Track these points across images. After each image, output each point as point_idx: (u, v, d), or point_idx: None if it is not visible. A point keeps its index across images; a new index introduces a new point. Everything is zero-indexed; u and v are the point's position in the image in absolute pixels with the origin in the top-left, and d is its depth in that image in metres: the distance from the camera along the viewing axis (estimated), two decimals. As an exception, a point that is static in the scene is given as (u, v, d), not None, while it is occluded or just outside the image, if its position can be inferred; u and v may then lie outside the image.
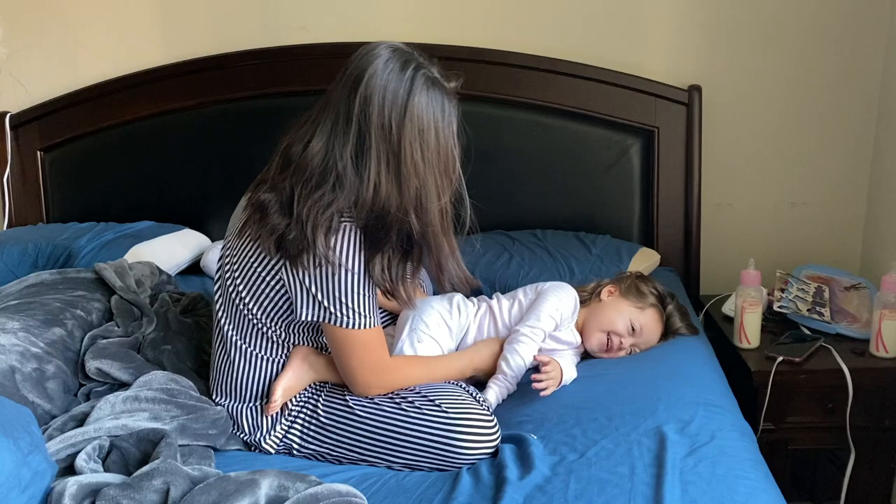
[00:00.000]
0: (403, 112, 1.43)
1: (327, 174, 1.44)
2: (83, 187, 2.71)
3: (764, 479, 1.40)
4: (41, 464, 1.27)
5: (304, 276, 1.46)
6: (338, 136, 1.45)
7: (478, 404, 1.57)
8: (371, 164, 1.43)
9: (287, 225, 1.45)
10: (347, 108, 1.45)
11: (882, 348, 2.00)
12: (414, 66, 1.46)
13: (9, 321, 1.67)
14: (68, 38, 2.66)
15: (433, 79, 1.48)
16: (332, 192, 1.43)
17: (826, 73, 2.45)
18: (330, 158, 1.45)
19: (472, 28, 2.50)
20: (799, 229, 2.56)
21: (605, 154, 2.47)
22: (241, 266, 1.55)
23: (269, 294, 1.53)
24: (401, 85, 1.44)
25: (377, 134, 1.43)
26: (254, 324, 1.57)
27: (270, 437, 1.59)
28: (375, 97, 1.43)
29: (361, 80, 1.44)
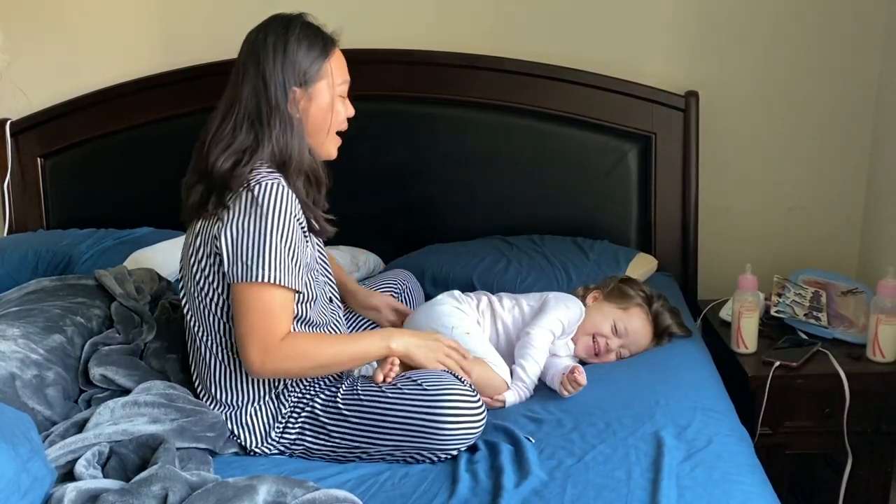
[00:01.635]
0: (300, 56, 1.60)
1: (230, 124, 1.58)
2: (83, 194, 2.72)
3: (760, 484, 1.40)
4: (40, 470, 1.27)
5: (230, 228, 1.50)
6: (238, 93, 1.60)
7: (460, 383, 1.57)
8: (281, 109, 1.57)
9: (196, 181, 1.59)
10: (241, 72, 1.62)
11: (879, 353, 2.01)
12: (289, 22, 1.62)
13: (9, 328, 1.67)
14: (68, 46, 2.67)
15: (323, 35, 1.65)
16: (234, 139, 1.56)
17: (823, 78, 2.46)
18: (231, 112, 1.59)
19: (470, 35, 2.51)
20: (796, 234, 2.57)
21: (602, 160, 2.48)
22: (195, 263, 1.59)
23: (217, 275, 1.56)
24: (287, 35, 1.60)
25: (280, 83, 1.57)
26: (223, 324, 1.58)
27: (266, 442, 1.59)
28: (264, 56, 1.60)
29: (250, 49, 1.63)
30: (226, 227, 1.51)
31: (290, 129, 1.58)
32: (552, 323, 1.83)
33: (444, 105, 2.51)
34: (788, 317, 2.17)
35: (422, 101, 2.52)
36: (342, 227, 2.49)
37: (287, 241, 1.51)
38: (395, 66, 2.51)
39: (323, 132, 1.66)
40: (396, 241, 2.50)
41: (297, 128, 1.59)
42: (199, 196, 1.58)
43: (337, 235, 2.38)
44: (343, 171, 2.61)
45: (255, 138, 1.56)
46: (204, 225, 1.57)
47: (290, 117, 1.58)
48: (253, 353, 1.50)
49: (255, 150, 1.55)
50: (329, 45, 1.65)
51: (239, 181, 1.52)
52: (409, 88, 2.52)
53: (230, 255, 1.51)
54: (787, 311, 2.17)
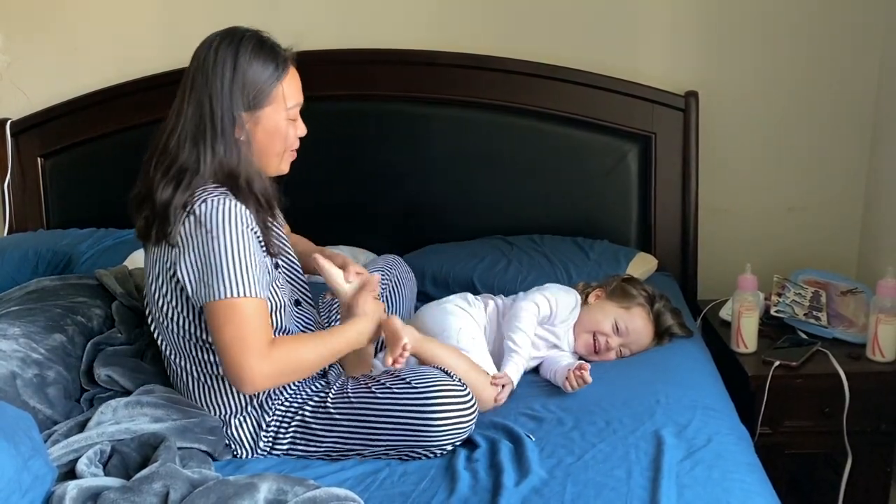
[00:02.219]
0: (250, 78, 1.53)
1: (174, 148, 1.51)
2: (83, 194, 2.72)
3: (759, 483, 1.40)
4: (42, 468, 1.28)
5: (185, 258, 1.46)
6: (182, 119, 1.52)
7: (451, 379, 1.57)
8: (226, 131, 1.50)
9: (142, 207, 1.52)
10: (187, 91, 1.54)
11: (878, 352, 2.01)
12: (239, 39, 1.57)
13: (10, 327, 1.67)
14: (69, 46, 2.67)
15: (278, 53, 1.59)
16: (178, 164, 1.49)
17: (823, 78, 2.47)
18: (174, 135, 1.52)
19: (469, 35, 2.51)
20: (796, 234, 2.57)
21: (602, 160, 2.48)
22: (157, 290, 1.56)
23: (180, 300, 1.53)
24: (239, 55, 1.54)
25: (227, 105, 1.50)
26: (192, 345, 1.56)
27: (257, 451, 1.59)
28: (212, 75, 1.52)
29: (197, 66, 1.55)
30: (180, 256, 1.47)
31: (235, 153, 1.51)
32: (538, 297, 1.86)
33: (444, 105, 2.51)
34: (788, 316, 2.17)
35: (422, 102, 2.52)
36: (342, 227, 2.52)
37: (243, 253, 1.45)
38: (395, 66, 2.51)
39: (271, 155, 1.59)
40: (396, 241, 2.50)
41: (242, 151, 1.52)
42: (144, 222, 1.53)
43: (336, 235, 2.41)
44: (342, 171, 2.63)
45: (196, 159, 1.50)
46: (157, 252, 1.53)
47: (236, 140, 1.51)
48: (244, 369, 1.43)
49: (196, 172, 1.49)
50: (282, 65, 1.56)
51: (178, 211, 1.46)
52: (409, 89, 2.52)
53: (192, 281, 1.46)
54: (787, 310, 2.17)
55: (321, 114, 2.53)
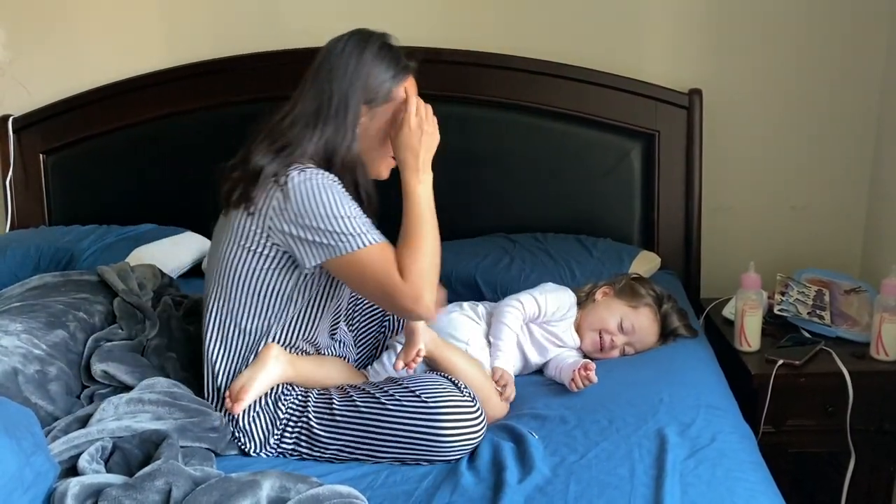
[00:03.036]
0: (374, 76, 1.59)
1: (288, 126, 1.56)
2: (85, 190, 2.72)
3: (764, 482, 1.40)
4: (44, 464, 1.27)
5: (286, 224, 1.49)
6: (302, 101, 1.58)
7: (460, 393, 1.56)
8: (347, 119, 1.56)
9: (240, 176, 1.54)
10: (310, 81, 1.59)
11: (882, 352, 2.00)
12: (374, 40, 1.61)
13: (11, 323, 1.67)
14: (71, 42, 2.67)
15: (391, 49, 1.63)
16: (287, 139, 1.54)
17: (826, 76, 2.46)
18: (290, 115, 1.57)
19: (473, 32, 2.51)
20: (799, 233, 2.57)
21: (605, 157, 2.48)
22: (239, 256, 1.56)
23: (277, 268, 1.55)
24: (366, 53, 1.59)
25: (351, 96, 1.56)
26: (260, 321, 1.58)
27: (267, 447, 1.58)
28: (342, 67, 1.58)
29: (327, 57, 1.60)
30: (277, 221, 1.50)
31: (343, 136, 1.56)
32: (523, 296, 1.86)
33: (447, 103, 2.49)
34: (792, 315, 2.16)
35: (425, 99, 2.50)
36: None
37: (349, 205, 1.50)
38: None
39: (377, 154, 1.64)
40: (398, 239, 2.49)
41: (350, 137, 1.57)
42: (231, 185, 1.57)
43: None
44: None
45: (302, 137, 1.55)
46: (239, 219, 1.55)
47: (346, 127, 1.56)
48: (407, 302, 1.50)
49: (298, 147, 1.54)
50: (402, 71, 1.62)
51: (268, 179, 1.51)
52: (412, 86, 2.52)
53: (301, 243, 1.50)
54: (791, 309, 2.17)
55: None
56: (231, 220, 1.57)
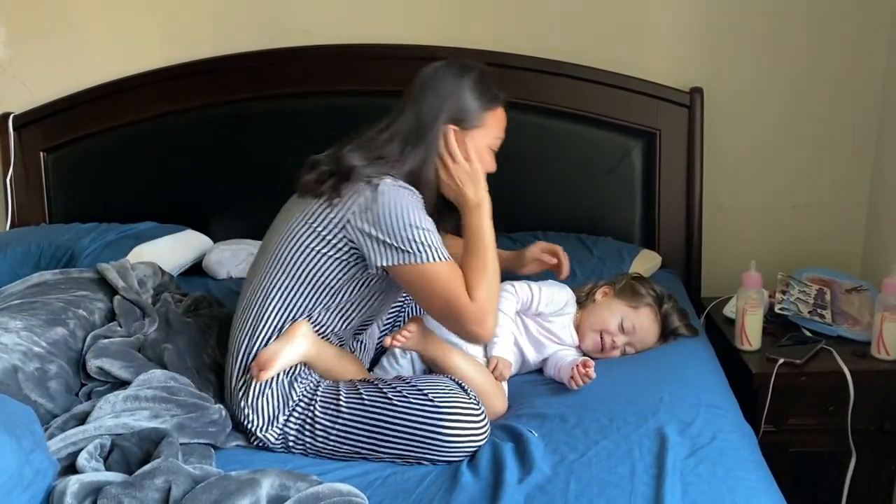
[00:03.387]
0: (467, 102, 1.65)
1: (383, 139, 1.63)
2: (86, 188, 2.72)
3: (765, 481, 1.40)
4: (43, 462, 1.27)
5: (366, 224, 1.54)
6: (398, 117, 1.66)
7: (467, 396, 1.57)
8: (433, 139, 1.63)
9: (328, 170, 1.61)
10: (410, 100, 1.67)
11: (883, 350, 2.00)
12: (470, 69, 1.68)
13: (11, 321, 1.67)
14: (72, 40, 2.67)
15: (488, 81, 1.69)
16: (382, 150, 1.61)
17: (828, 75, 2.46)
18: (387, 130, 1.65)
19: (473, 31, 2.50)
20: (800, 232, 2.56)
21: (606, 156, 2.47)
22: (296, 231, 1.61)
23: (328, 250, 1.58)
24: (463, 80, 1.66)
25: (439, 117, 1.63)
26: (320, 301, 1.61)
27: (273, 427, 1.58)
28: (436, 90, 1.65)
29: (424, 80, 1.68)
30: (358, 220, 1.55)
31: (433, 157, 1.63)
32: (518, 283, 1.87)
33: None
34: (793, 314, 2.16)
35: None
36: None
37: (426, 222, 1.56)
38: (399, 62, 2.50)
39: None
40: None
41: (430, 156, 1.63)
42: (316, 176, 1.62)
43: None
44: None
45: (399, 153, 1.62)
46: (325, 208, 1.59)
47: (437, 148, 1.63)
48: (468, 324, 1.56)
49: (395, 163, 1.61)
50: (495, 100, 1.69)
51: (360, 180, 1.56)
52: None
53: (374, 244, 1.55)
54: (792, 308, 2.16)
55: (325, 109, 2.55)
56: (307, 204, 1.62)
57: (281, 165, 2.58)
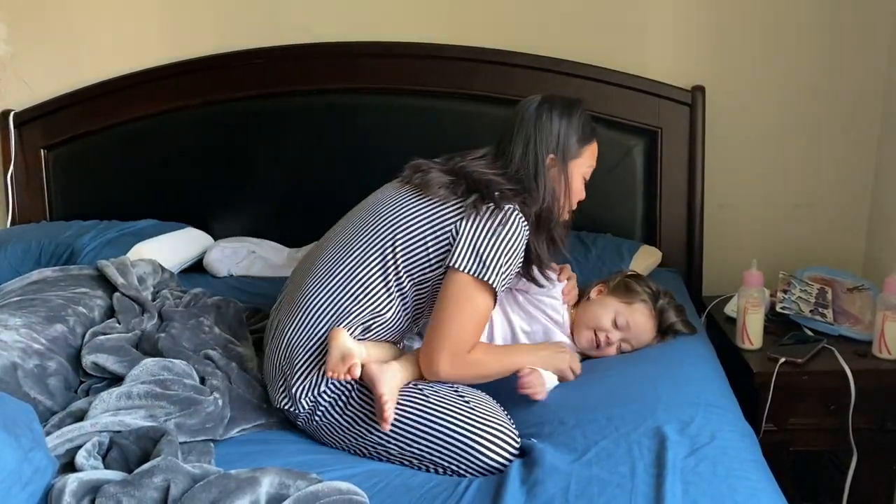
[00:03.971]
0: (566, 135, 1.73)
1: (497, 165, 1.71)
2: (86, 185, 2.72)
3: (765, 480, 1.39)
4: (42, 460, 1.27)
5: (475, 226, 1.60)
6: (508, 145, 1.73)
7: (505, 416, 1.58)
8: (540, 167, 1.69)
9: (455, 179, 1.67)
10: (516, 131, 1.73)
11: (885, 350, 2.00)
12: (571, 104, 1.77)
13: (11, 318, 1.67)
14: (72, 37, 2.67)
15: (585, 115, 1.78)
16: (501, 176, 1.67)
17: (830, 74, 2.45)
18: (499, 156, 1.73)
19: (474, 28, 2.50)
20: (802, 231, 2.56)
21: (608, 154, 2.44)
22: (407, 221, 1.65)
23: (428, 244, 1.62)
24: (572, 125, 1.74)
25: (543, 149, 1.70)
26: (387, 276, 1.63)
27: (310, 393, 1.58)
28: (541, 122, 1.72)
29: (528, 112, 1.75)
30: (466, 222, 1.60)
31: (549, 194, 1.69)
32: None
33: (449, 99, 2.50)
34: (794, 313, 2.16)
35: (427, 95, 2.51)
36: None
37: (514, 259, 1.62)
38: (401, 59, 2.51)
39: (561, 204, 1.74)
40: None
41: (551, 195, 1.70)
42: (440, 177, 1.68)
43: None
44: (348, 164, 2.62)
45: (521, 188, 1.67)
46: (439, 204, 1.64)
47: (548, 180, 1.70)
48: (443, 357, 1.58)
49: (527, 191, 1.67)
50: (593, 134, 1.78)
51: (488, 194, 1.62)
52: (414, 82, 2.51)
53: (463, 246, 1.59)
54: (793, 307, 2.16)
55: (326, 106, 2.55)
56: (418, 195, 1.67)
57: (282, 163, 2.59)
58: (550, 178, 1.70)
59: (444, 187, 1.66)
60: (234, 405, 1.61)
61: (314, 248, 1.80)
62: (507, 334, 1.88)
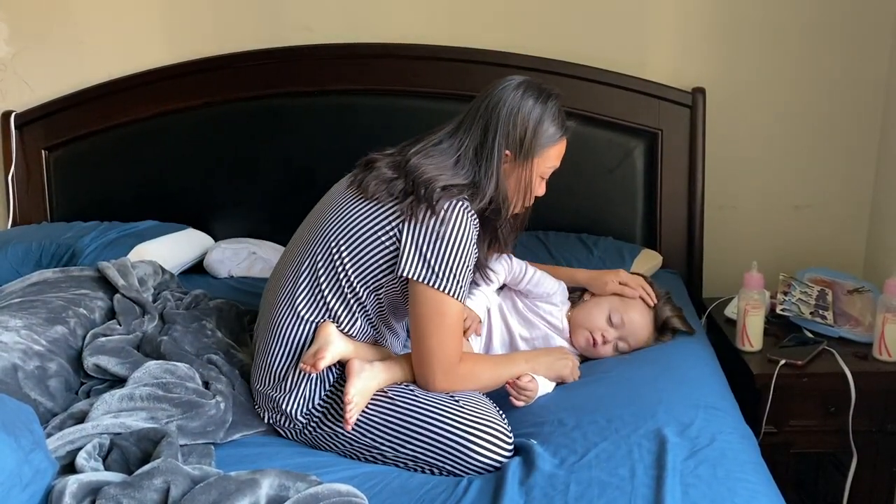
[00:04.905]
0: (533, 131, 1.63)
1: (449, 154, 1.62)
2: (87, 186, 2.72)
3: (765, 482, 1.39)
4: (42, 462, 1.27)
5: (419, 230, 1.54)
6: (466, 132, 1.64)
7: (498, 415, 1.57)
8: (493, 162, 1.61)
9: (395, 178, 1.59)
10: (479, 115, 1.64)
11: (885, 352, 2.00)
12: (546, 95, 1.66)
13: (11, 319, 1.67)
14: (73, 38, 2.67)
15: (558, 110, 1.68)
16: (450, 169, 1.60)
17: (830, 75, 2.45)
18: (454, 144, 1.63)
19: (475, 29, 2.50)
20: (802, 232, 2.56)
21: (608, 156, 2.47)
22: (348, 227, 1.60)
23: (374, 251, 1.57)
24: (535, 107, 1.63)
25: (502, 140, 1.61)
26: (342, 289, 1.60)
27: (305, 408, 1.59)
28: (507, 110, 1.62)
29: (497, 94, 1.64)
30: (408, 227, 1.55)
31: (502, 192, 1.63)
32: (516, 259, 1.90)
33: (451, 100, 2.49)
34: (794, 315, 2.16)
35: (429, 96, 2.51)
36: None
37: (468, 258, 1.56)
38: (402, 60, 2.51)
39: (510, 202, 1.68)
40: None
41: (502, 190, 1.63)
42: (389, 186, 1.60)
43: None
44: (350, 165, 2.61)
45: (471, 182, 1.61)
46: (379, 207, 1.59)
47: (500, 178, 1.62)
48: (435, 375, 1.57)
49: (475, 187, 1.60)
50: (563, 133, 1.69)
51: (429, 196, 1.55)
52: (416, 83, 2.51)
53: (411, 254, 1.54)
54: (793, 309, 2.16)
55: (327, 107, 2.55)
56: (359, 197, 1.62)
57: (283, 164, 2.59)
58: (503, 176, 1.63)
59: (383, 188, 1.59)
60: (237, 411, 1.62)
61: (279, 262, 1.76)
62: (507, 342, 1.88)
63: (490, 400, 1.62)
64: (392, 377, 1.60)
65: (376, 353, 1.65)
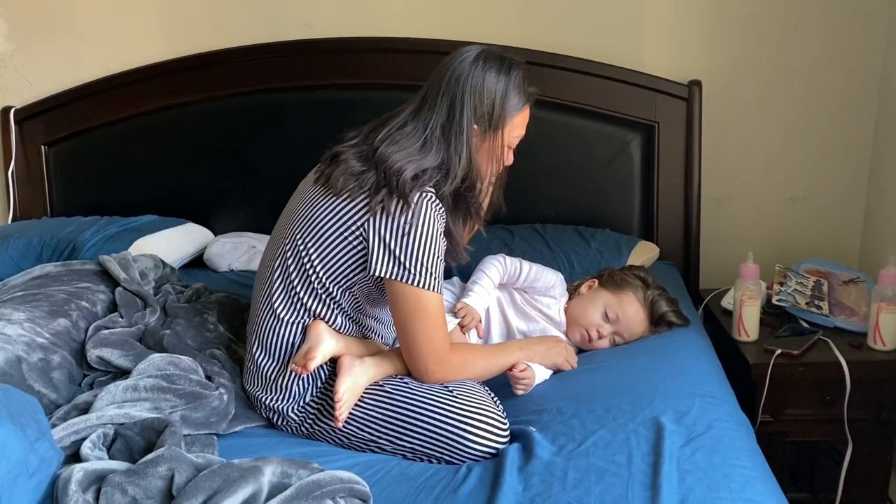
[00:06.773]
0: (500, 103, 1.60)
1: (416, 136, 1.58)
2: (87, 181, 2.73)
3: (760, 469, 1.41)
4: (48, 451, 1.28)
5: (384, 227, 1.52)
6: (430, 111, 1.59)
7: (492, 402, 1.58)
8: (462, 138, 1.57)
9: (365, 170, 1.56)
10: (442, 91, 1.59)
11: (880, 341, 2.01)
12: (508, 65, 1.63)
13: (14, 312, 1.68)
14: (73, 33, 2.68)
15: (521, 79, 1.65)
16: (419, 152, 1.56)
17: (826, 67, 2.46)
18: (419, 125, 1.59)
19: (471, 24, 2.51)
20: (798, 224, 2.57)
21: (605, 149, 2.48)
22: (314, 225, 1.58)
23: (342, 251, 1.56)
24: (499, 79, 1.60)
25: (470, 115, 1.58)
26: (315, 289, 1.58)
27: (298, 406, 1.60)
28: (471, 84, 1.58)
29: (458, 69, 1.60)
30: (374, 222, 1.52)
31: (475, 167, 1.60)
32: (510, 258, 1.92)
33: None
34: (790, 305, 2.17)
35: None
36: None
37: (438, 251, 1.55)
38: (400, 55, 2.51)
39: (483, 176, 1.67)
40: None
41: (475, 164, 1.61)
42: (359, 179, 1.56)
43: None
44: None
45: (442, 162, 1.58)
46: (347, 202, 1.56)
47: (472, 152, 1.60)
48: (427, 368, 1.57)
49: (437, 172, 1.57)
50: (527, 99, 1.67)
51: (399, 188, 1.52)
52: (410, 77, 2.49)
53: (381, 253, 1.52)
54: (789, 299, 2.18)
55: (326, 102, 2.56)
56: (327, 194, 1.59)
57: (281, 158, 2.60)
58: (473, 149, 1.60)
59: (353, 182, 1.56)
60: (238, 404, 1.63)
61: (260, 263, 1.74)
62: (505, 335, 1.90)
63: (486, 388, 1.64)
64: (383, 372, 1.60)
65: (367, 349, 1.66)
